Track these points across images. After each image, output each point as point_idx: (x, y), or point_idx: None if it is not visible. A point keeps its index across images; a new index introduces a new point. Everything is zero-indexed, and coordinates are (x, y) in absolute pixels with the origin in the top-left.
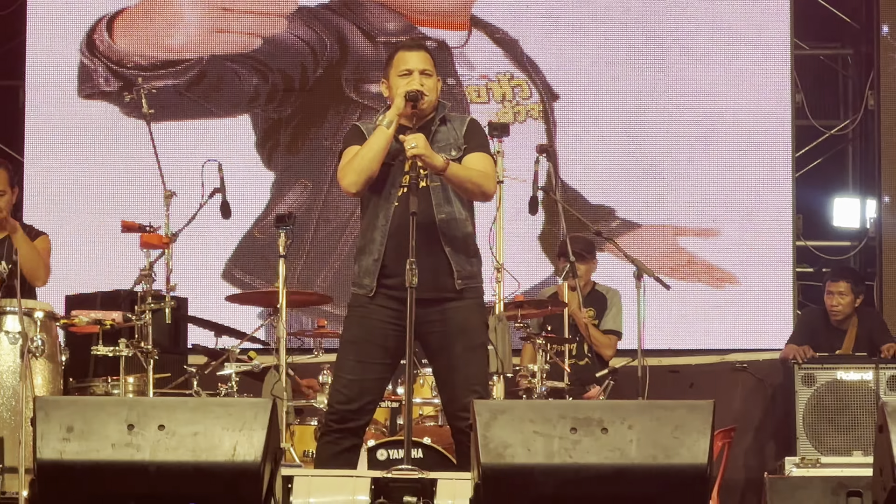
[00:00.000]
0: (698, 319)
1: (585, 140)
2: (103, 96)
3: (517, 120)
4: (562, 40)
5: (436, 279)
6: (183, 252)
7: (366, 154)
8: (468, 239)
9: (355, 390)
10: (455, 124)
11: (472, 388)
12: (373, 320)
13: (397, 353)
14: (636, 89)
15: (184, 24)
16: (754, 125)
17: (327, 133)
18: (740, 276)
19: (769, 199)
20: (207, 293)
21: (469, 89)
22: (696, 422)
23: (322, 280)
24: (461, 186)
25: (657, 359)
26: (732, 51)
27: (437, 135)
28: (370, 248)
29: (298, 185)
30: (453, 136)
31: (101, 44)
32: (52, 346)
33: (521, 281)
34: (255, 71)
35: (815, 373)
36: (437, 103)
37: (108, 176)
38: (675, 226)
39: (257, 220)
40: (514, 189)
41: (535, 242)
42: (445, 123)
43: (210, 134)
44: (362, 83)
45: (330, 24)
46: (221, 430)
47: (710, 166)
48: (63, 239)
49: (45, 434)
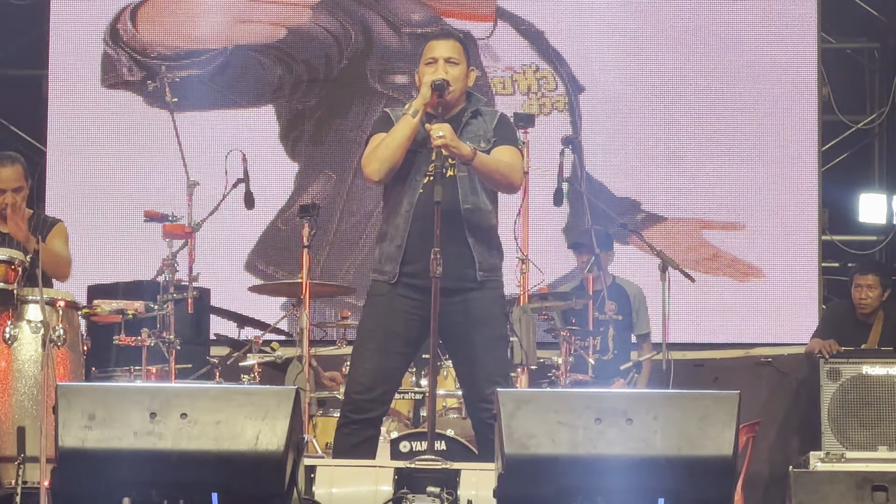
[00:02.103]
0: (723, 313)
1: (611, 132)
2: (127, 86)
3: (542, 112)
4: (588, 32)
5: (457, 269)
6: (206, 242)
7: (390, 143)
8: (492, 231)
9: (373, 379)
10: (486, 118)
11: (493, 380)
12: (393, 309)
13: (417, 342)
14: (662, 82)
15: (208, 13)
16: (781, 119)
17: (352, 124)
18: (766, 270)
19: (795, 194)
20: (230, 284)
21: (494, 81)
22: (721, 413)
23: (345, 271)
24: (488, 177)
25: (682, 352)
26: (759, 44)
27: (469, 127)
28: (393, 234)
29: (322, 177)
30: (483, 129)
31: (124, 33)
32: (73, 336)
33: (546, 273)
34: (280, 61)
35: (841, 367)
36: (469, 95)
37: (131, 166)
38: (701, 219)
39: (280, 211)
40: (539, 181)
41: (560, 235)
42: (477, 117)
43: (234, 124)
44: (387, 74)
45: (355, 14)
46: (244, 419)
47: (736, 160)
48: (85, 228)
49: (67, 422)
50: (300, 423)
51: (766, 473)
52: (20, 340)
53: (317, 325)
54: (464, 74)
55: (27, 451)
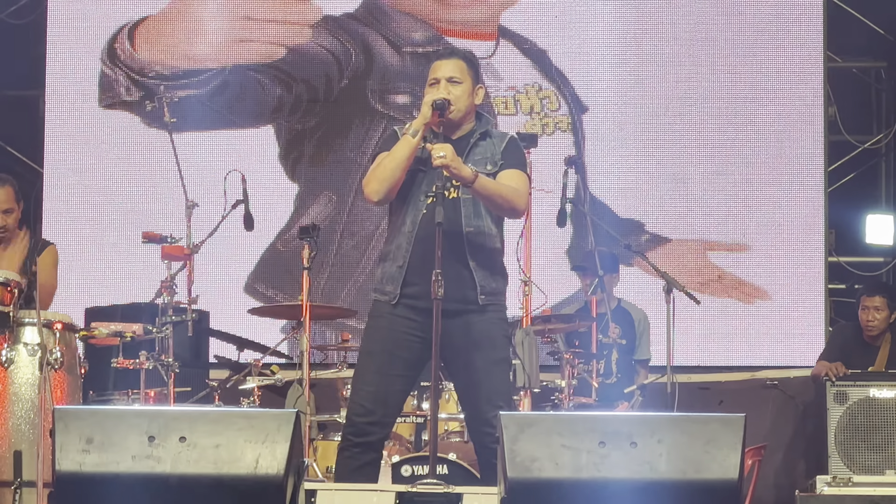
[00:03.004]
0: (728, 335)
1: (615, 153)
2: (124, 106)
3: (545, 132)
4: (591, 51)
5: (458, 291)
6: (205, 264)
7: (389, 164)
8: (495, 255)
9: (374, 402)
10: (495, 140)
11: (494, 403)
12: (394, 331)
13: (418, 364)
14: (666, 102)
15: (206, 33)
16: (786, 139)
17: (352, 145)
18: (771, 292)
19: (801, 214)
20: (229, 306)
21: (497, 101)
22: (727, 436)
23: (346, 294)
24: (490, 200)
25: (686, 375)
26: (765, 63)
27: (476, 148)
28: (395, 254)
29: (322, 198)
30: (491, 152)
31: (122, 53)
32: (71, 359)
33: (549, 295)
34: (279, 81)
35: (848, 390)
36: (479, 115)
37: (129, 186)
38: (706, 240)
39: (280, 232)
40: (542, 201)
41: (563, 256)
42: (486, 139)
43: (233, 145)
44: (388, 94)
45: (355, 33)
46: (244, 443)
47: (741, 180)
48: (83, 250)
49: (65, 445)
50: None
51: (772, 498)
52: (17, 363)
53: (317, 347)
54: (468, 93)
55: (24, 476)
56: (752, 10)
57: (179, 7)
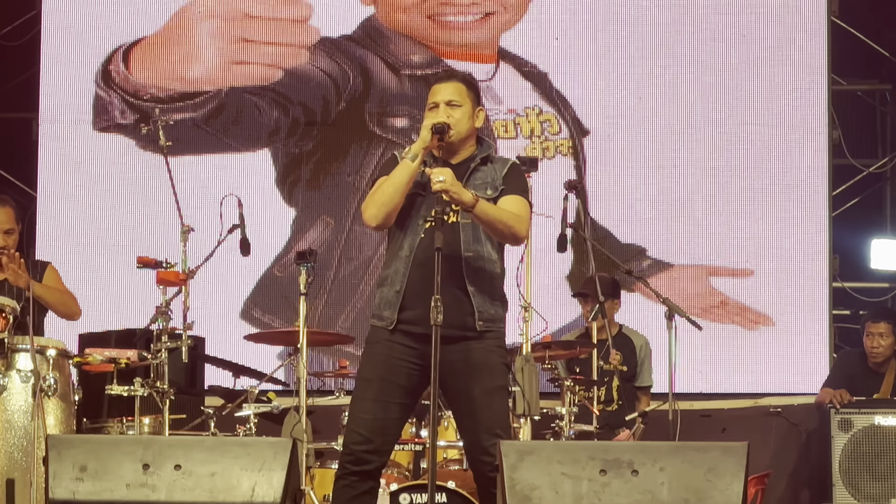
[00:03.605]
0: (731, 362)
1: (616, 177)
2: (119, 129)
3: (546, 156)
4: (592, 74)
5: (456, 317)
6: (200, 290)
7: (387, 188)
8: (495, 281)
9: (372, 430)
10: (497, 165)
11: (493, 431)
12: (391, 357)
13: (416, 392)
14: (668, 125)
15: (202, 55)
16: (790, 163)
17: (350, 168)
18: (775, 318)
19: (805, 239)
20: (225, 332)
21: (496, 124)
22: (729, 464)
23: (344, 320)
24: (490, 226)
25: (689, 402)
26: (768, 86)
27: (476, 173)
28: (393, 278)
29: (320, 222)
30: (492, 177)
31: (116, 75)
32: (64, 386)
33: (549, 321)
34: (276, 104)
35: (852, 418)
36: (481, 140)
37: (123, 211)
38: (708, 265)
39: (277, 257)
40: (542, 226)
41: (564, 282)
42: (487, 163)
43: (229, 168)
44: (386, 117)
45: (353, 55)
46: (240, 471)
47: (743, 205)
48: (77, 275)
49: (58, 474)
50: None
51: None
52: (10, 390)
53: (314, 374)
54: (467, 116)
55: None
56: (756, 33)
57: (175, 29)
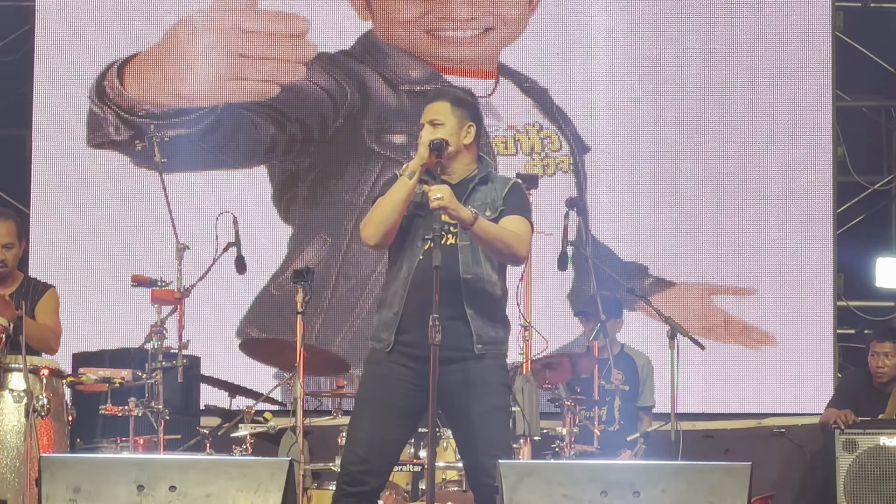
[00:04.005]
0: (734, 382)
1: (617, 194)
2: (113, 145)
3: (546, 173)
4: (593, 90)
5: (454, 340)
6: (196, 308)
7: (385, 206)
8: (495, 304)
9: (369, 450)
10: (497, 185)
11: (493, 452)
12: (389, 378)
13: (416, 413)
14: (670, 142)
15: (198, 70)
16: (794, 180)
17: (347, 186)
18: (778, 337)
19: (809, 257)
20: (221, 351)
21: (496, 140)
22: (732, 486)
23: (341, 339)
24: (489, 245)
25: (691, 423)
26: (772, 103)
27: (476, 193)
28: (391, 300)
29: (317, 240)
30: (491, 197)
31: (111, 91)
32: (58, 405)
33: (550, 340)
34: (273, 120)
35: (857, 438)
36: (481, 159)
37: (118, 228)
38: (711, 284)
39: (274, 276)
40: (542, 244)
41: (564, 301)
42: (487, 183)
43: (225, 185)
44: (384, 133)
45: (351, 71)
46: (236, 492)
47: (747, 222)
48: (71, 294)
49: (51, 495)
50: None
51: None
52: (2, 410)
53: (311, 394)
54: (452, 133)
55: None
56: (759, 49)
57: (170, 44)
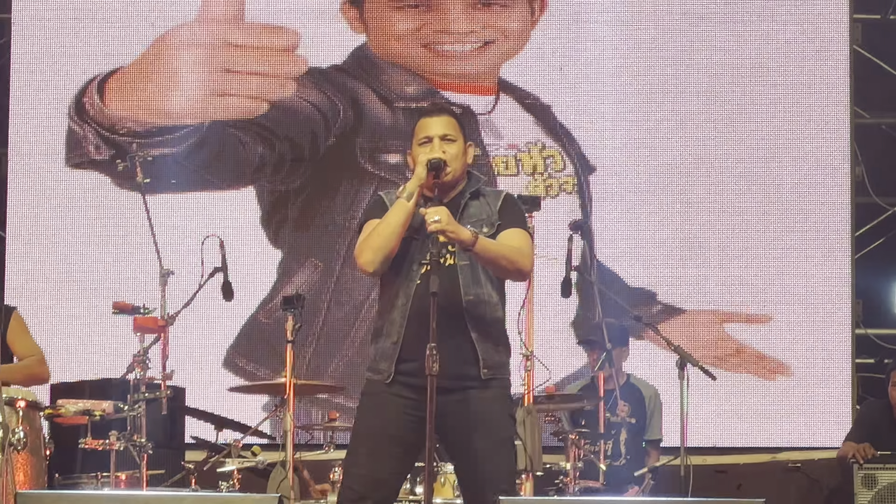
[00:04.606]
0: (747, 414)
1: (624, 217)
2: (93, 165)
3: (549, 194)
4: (599, 107)
5: (458, 366)
6: (180, 337)
7: (383, 230)
8: (497, 325)
9: (367, 486)
10: (489, 199)
11: (496, 487)
12: (388, 410)
13: (415, 446)
14: (680, 162)
15: (182, 86)
16: (810, 201)
17: (340, 207)
18: (794, 367)
19: (826, 283)
20: (207, 382)
21: (496, 160)
22: None
23: (334, 369)
24: (493, 263)
25: (702, 457)
26: (786, 120)
27: (469, 209)
28: (389, 329)
29: (308, 265)
30: (486, 212)
31: (91, 108)
32: (35, 439)
33: (553, 371)
34: (261, 138)
35: (877, 473)
36: (469, 174)
37: (98, 253)
38: (722, 311)
39: (262, 302)
40: (545, 269)
41: (568, 329)
42: (478, 198)
43: (211, 207)
44: (379, 152)
45: (343, 87)
46: None
47: (760, 246)
48: (49, 322)
49: None
50: None
51: None
52: None
53: (302, 427)
54: (461, 152)
55: None
56: (773, 63)
57: (153, 58)
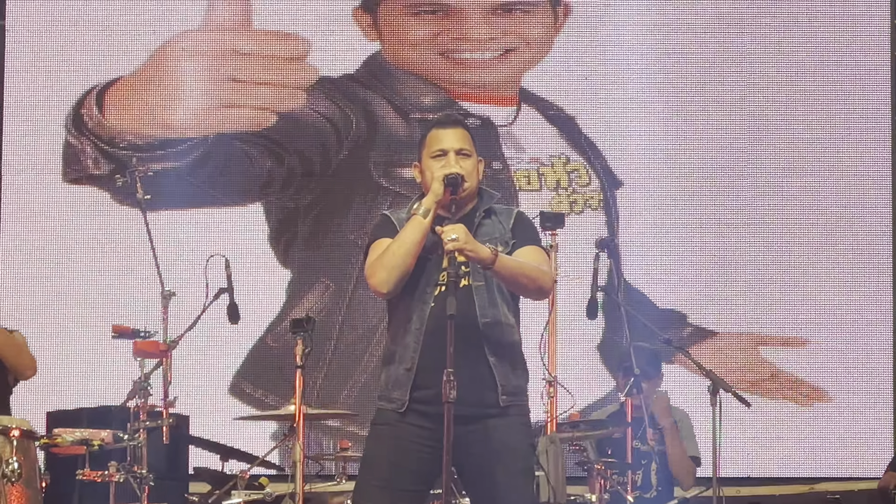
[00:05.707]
0: (783, 442)
1: (653, 234)
2: (92, 180)
3: (574, 210)
4: (626, 118)
5: (476, 393)
6: (183, 362)
7: (398, 249)
8: (515, 348)
9: None
10: (501, 217)
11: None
12: (401, 439)
13: (429, 478)
14: (711, 177)
15: (186, 96)
16: (850, 219)
17: (352, 225)
18: (832, 393)
19: (866, 304)
20: (212, 410)
21: (518, 174)
22: None
23: (346, 395)
24: (513, 281)
25: (735, 488)
26: (825, 134)
27: (482, 228)
28: (402, 355)
29: (319, 286)
30: (499, 231)
31: (89, 120)
32: (29, 470)
33: (578, 397)
34: (269, 152)
35: None
36: (480, 191)
37: (96, 272)
38: (757, 334)
39: (270, 325)
40: (569, 290)
41: (594, 352)
42: (491, 216)
43: (216, 224)
44: (393, 167)
45: (356, 97)
46: None
47: (797, 265)
48: (45, 346)
49: None
50: None
51: None
52: None
53: (312, 457)
54: (475, 168)
55: None
56: (811, 73)
57: (155, 68)
